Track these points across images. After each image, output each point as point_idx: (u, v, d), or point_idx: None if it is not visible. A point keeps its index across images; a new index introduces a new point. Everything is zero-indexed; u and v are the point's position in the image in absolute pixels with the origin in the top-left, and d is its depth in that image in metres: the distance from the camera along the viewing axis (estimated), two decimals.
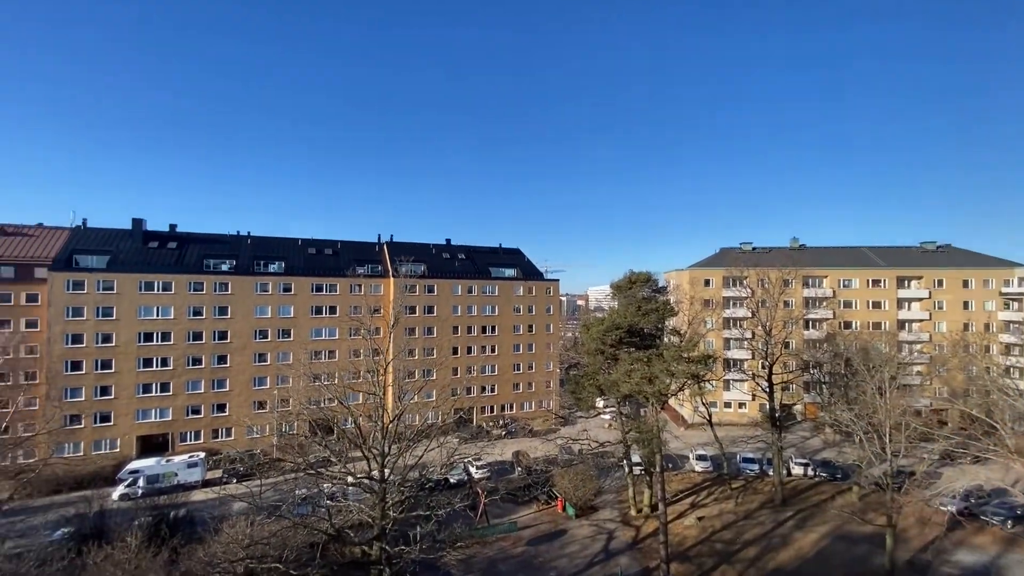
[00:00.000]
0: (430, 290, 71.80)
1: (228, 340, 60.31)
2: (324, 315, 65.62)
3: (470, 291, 75.09)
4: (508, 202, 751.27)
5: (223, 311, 60.37)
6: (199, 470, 50.99)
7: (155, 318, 57.14)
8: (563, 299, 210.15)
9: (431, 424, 37.96)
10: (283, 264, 66.55)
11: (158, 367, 56.85)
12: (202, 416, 58.82)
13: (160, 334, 57.16)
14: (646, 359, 37.59)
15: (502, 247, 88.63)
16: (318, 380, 39.58)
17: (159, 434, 57.05)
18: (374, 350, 31.06)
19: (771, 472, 51.30)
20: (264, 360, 61.98)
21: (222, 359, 59.95)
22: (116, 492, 46.74)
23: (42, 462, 48.99)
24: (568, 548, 39.52)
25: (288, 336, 63.42)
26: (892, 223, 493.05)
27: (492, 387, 75.33)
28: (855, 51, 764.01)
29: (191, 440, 58.23)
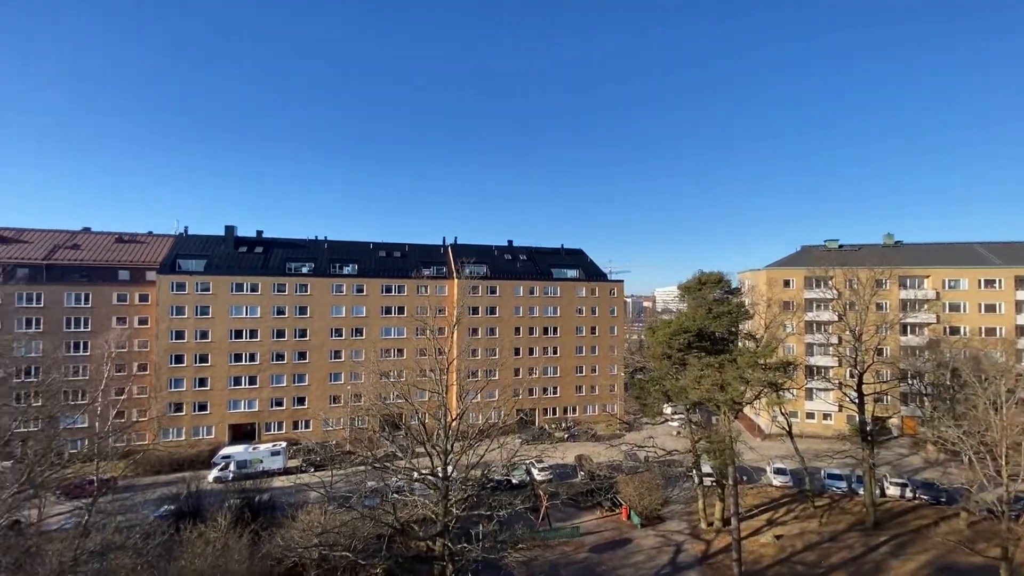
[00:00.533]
0: (492, 291, 72.72)
1: (307, 338, 64.59)
2: (393, 315, 68.49)
3: (532, 292, 75.21)
4: (572, 205, 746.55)
5: (303, 311, 64.77)
6: (281, 458, 54.82)
7: (244, 316, 62.39)
8: (628, 300, 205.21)
9: (493, 424, 38.24)
10: (356, 266, 70.25)
11: (247, 362, 62.07)
12: (284, 408, 63.43)
13: (248, 331, 62.37)
14: (717, 364, 35.67)
15: (564, 248, 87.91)
16: (385, 377, 41.17)
17: (247, 423, 62.18)
18: (438, 349, 31.71)
19: (861, 491, 46.59)
20: (339, 357, 65.75)
21: (302, 355, 64.30)
22: (211, 475, 51.33)
23: (150, 445, 55.13)
24: (633, 558, 38.18)
25: (360, 335, 66.85)
26: (1008, 215, 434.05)
27: (554, 389, 74.90)
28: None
29: (274, 430, 62.99)
